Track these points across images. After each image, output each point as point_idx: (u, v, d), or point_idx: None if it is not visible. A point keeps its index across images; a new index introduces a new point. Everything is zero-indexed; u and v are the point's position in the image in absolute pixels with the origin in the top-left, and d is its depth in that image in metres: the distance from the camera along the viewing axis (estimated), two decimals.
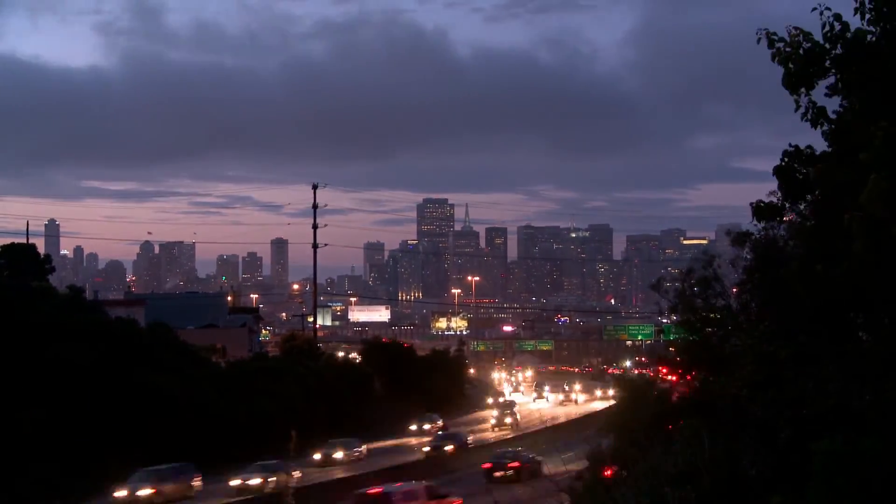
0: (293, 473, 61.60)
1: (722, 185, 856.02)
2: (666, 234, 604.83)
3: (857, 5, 13.35)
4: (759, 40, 13.75)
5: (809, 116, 13.87)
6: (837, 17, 13.45)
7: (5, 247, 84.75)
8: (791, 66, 13.68)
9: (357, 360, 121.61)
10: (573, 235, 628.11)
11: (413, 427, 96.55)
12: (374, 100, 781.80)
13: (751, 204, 16.38)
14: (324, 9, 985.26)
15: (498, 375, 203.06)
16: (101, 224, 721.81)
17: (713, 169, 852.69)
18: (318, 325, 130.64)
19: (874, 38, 13.37)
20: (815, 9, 13.50)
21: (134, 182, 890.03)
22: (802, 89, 13.77)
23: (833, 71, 13.75)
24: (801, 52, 13.63)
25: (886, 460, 12.57)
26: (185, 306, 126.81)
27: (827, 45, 13.56)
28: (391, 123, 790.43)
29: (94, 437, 62.31)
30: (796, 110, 13.85)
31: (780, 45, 13.72)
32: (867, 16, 13.29)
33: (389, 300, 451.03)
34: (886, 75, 13.16)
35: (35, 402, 60.35)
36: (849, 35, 13.39)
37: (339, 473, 65.03)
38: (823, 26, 13.50)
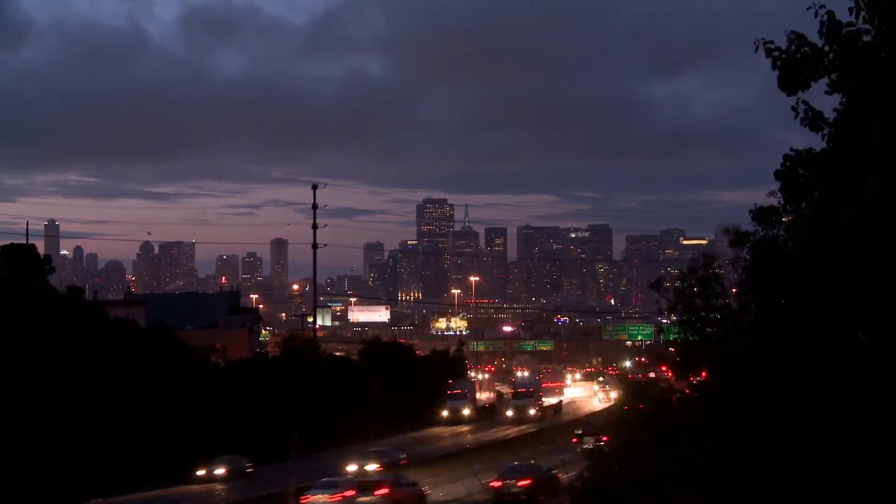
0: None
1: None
2: (666, 234, 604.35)
3: (853, 5, 13.33)
4: (756, 49, 13.74)
5: (807, 122, 13.89)
6: (831, 14, 13.41)
7: (4, 247, 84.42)
8: (786, 69, 13.69)
9: (357, 361, 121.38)
10: (573, 236, 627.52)
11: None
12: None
13: (750, 210, 16.45)
14: None
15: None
16: (124, 225, 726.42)
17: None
18: (317, 326, 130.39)
19: (871, 38, 13.33)
20: (809, 7, 13.47)
21: (174, 185, 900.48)
22: (800, 92, 13.79)
23: (831, 72, 13.74)
24: (797, 55, 13.62)
25: (886, 461, 12.57)
26: (185, 306, 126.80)
27: (825, 48, 13.53)
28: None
29: (92, 437, 62.28)
30: (795, 117, 13.86)
31: (777, 53, 13.72)
32: (862, 13, 13.25)
33: (389, 300, 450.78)
34: (883, 74, 13.14)
35: (33, 404, 60.33)
36: (844, 32, 13.34)
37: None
38: (820, 25, 13.49)
